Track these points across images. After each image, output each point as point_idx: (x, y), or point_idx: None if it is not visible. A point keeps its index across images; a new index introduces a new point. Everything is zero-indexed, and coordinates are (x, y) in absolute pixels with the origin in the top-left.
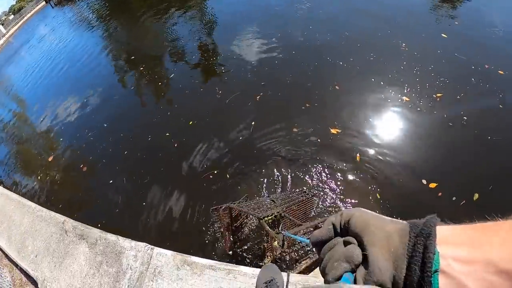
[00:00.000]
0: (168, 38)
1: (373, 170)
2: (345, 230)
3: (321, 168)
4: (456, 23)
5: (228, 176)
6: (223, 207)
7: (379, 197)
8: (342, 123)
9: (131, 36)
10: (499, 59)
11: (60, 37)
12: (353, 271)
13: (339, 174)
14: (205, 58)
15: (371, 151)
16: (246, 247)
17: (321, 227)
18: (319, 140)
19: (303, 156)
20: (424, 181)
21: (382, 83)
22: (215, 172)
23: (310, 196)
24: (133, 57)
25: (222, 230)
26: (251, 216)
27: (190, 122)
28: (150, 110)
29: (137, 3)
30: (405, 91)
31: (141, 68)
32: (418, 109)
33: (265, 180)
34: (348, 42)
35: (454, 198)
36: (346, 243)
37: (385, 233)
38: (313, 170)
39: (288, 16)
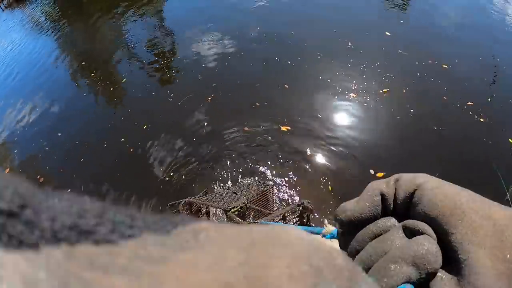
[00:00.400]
0: (122, 40)
1: (323, 164)
2: (404, 207)
3: (274, 164)
4: (402, 21)
5: (183, 176)
6: (182, 202)
7: (331, 189)
8: (291, 120)
9: (84, 40)
10: (442, 54)
11: (12, 42)
12: (419, 281)
13: (291, 168)
14: (158, 60)
15: (321, 146)
16: None
17: (287, 215)
18: (270, 137)
19: (255, 153)
20: (371, 171)
21: (329, 80)
22: (171, 173)
23: (270, 186)
24: (85, 63)
25: None
26: (214, 210)
27: (145, 126)
28: (103, 116)
29: (90, 5)
30: (353, 87)
31: (93, 74)
32: (365, 104)
33: (220, 177)
34: (296, 42)
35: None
36: (408, 231)
37: (494, 224)
38: (266, 166)
39: (243, 15)
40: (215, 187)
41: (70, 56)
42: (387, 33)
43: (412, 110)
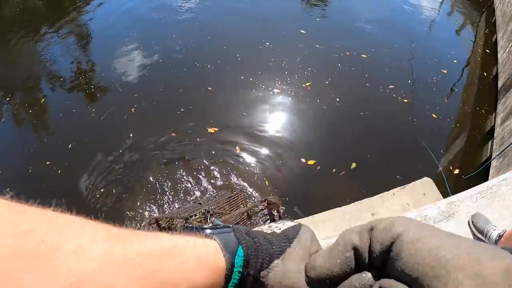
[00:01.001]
0: (40, 59)
1: (255, 159)
2: (381, 261)
3: (207, 165)
4: (318, 19)
5: (114, 191)
6: (149, 221)
7: (267, 183)
8: (218, 121)
9: (3, 66)
10: (361, 45)
11: None
12: None
13: (225, 166)
14: (77, 77)
15: (250, 142)
16: None
17: (250, 213)
18: (198, 139)
19: (184, 156)
20: (303, 160)
21: (251, 79)
22: (102, 190)
23: (237, 192)
24: (7, 88)
25: None
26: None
27: (69, 146)
28: (25, 140)
29: (4, 24)
30: (276, 84)
31: (9, 98)
32: (290, 98)
33: (151, 186)
34: (214, 45)
35: (334, 170)
36: None
37: (483, 284)
38: (200, 168)
39: (160, 27)
40: (154, 200)
41: None
42: (302, 31)
43: (337, 99)
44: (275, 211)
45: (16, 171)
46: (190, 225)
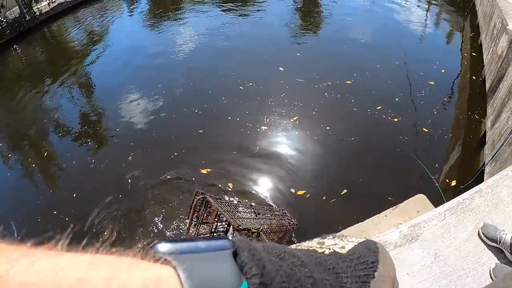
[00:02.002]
0: (45, 110)
1: (247, 192)
2: None
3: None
4: (298, 54)
5: (115, 231)
6: (201, 195)
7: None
8: (210, 162)
9: (9, 116)
10: (344, 71)
11: None
12: None
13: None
14: (77, 127)
15: (243, 178)
16: None
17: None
18: (193, 178)
19: (181, 196)
20: (292, 190)
21: (238, 119)
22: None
23: (293, 222)
24: (14, 139)
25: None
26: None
27: (74, 194)
28: (31, 192)
29: (14, 80)
30: (264, 121)
31: (16, 148)
32: (279, 134)
33: (159, 225)
34: (199, 92)
35: (324, 198)
36: None
37: None
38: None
39: (148, 72)
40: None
41: None
42: (280, 68)
43: (328, 128)
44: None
45: (26, 223)
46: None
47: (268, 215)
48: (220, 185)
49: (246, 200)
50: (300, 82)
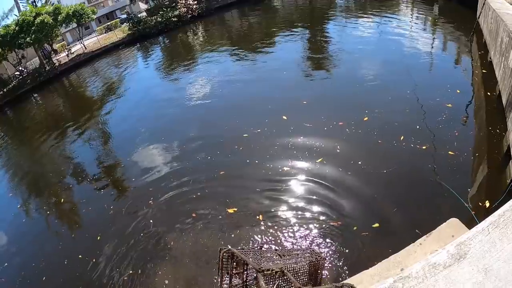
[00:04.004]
0: (64, 158)
1: (277, 228)
2: None
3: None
4: (305, 102)
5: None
6: (225, 250)
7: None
8: (235, 201)
9: (29, 164)
10: (357, 109)
11: None
12: None
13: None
14: (96, 174)
15: (273, 213)
16: None
17: None
18: (220, 216)
19: (206, 233)
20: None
21: (257, 162)
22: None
23: (321, 258)
24: (34, 185)
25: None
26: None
27: (98, 237)
28: (54, 238)
29: (34, 128)
30: (289, 163)
31: (37, 195)
32: (302, 174)
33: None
34: (214, 141)
35: (355, 228)
36: None
37: None
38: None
39: (166, 127)
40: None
41: (19, 182)
42: (284, 117)
43: (360, 163)
44: None
45: (51, 265)
46: None
47: (294, 255)
48: (246, 226)
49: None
50: (308, 127)
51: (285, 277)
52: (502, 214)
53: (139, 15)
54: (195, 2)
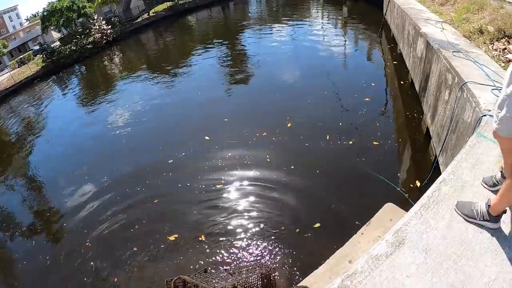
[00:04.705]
0: None
1: (221, 246)
2: None
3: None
4: (226, 120)
5: None
6: (175, 279)
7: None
8: (174, 228)
9: None
10: (280, 118)
11: None
12: None
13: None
14: (28, 223)
15: (215, 232)
16: None
17: None
18: (162, 245)
19: (158, 266)
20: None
21: (188, 184)
22: None
23: (270, 269)
24: None
25: None
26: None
27: None
28: None
29: None
30: (222, 180)
31: None
32: (238, 188)
33: None
34: (146, 165)
35: (297, 231)
36: None
37: None
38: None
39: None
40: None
41: None
42: (206, 137)
43: (292, 167)
44: None
45: None
46: None
47: (244, 271)
48: (191, 250)
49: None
50: (232, 143)
51: None
52: (431, 195)
53: (52, 45)
54: (109, 26)
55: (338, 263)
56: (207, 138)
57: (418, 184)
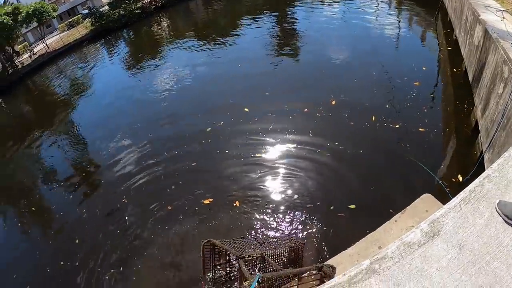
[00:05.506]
0: (35, 164)
1: (255, 215)
2: None
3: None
4: (267, 94)
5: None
6: (206, 241)
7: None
8: (210, 192)
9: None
10: (321, 98)
11: None
12: None
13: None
14: (67, 177)
15: (250, 200)
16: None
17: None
18: (196, 208)
19: (191, 228)
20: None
21: (227, 151)
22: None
23: (300, 243)
24: (7, 195)
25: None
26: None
27: (76, 241)
28: (35, 245)
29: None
30: (260, 150)
31: (11, 203)
32: (278, 160)
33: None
34: (186, 131)
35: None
36: None
37: None
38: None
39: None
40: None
41: None
42: (245, 109)
43: (336, 143)
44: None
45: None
46: None
47: (273, 242)
48: (224, 215)
49: (256, 231)
50: (272, 116)
51: (265, 263)
52: (473, 190)
53: (101, 9)
54: None
55: (367, 247)
56: (246, 110)
57: (460, 178)
